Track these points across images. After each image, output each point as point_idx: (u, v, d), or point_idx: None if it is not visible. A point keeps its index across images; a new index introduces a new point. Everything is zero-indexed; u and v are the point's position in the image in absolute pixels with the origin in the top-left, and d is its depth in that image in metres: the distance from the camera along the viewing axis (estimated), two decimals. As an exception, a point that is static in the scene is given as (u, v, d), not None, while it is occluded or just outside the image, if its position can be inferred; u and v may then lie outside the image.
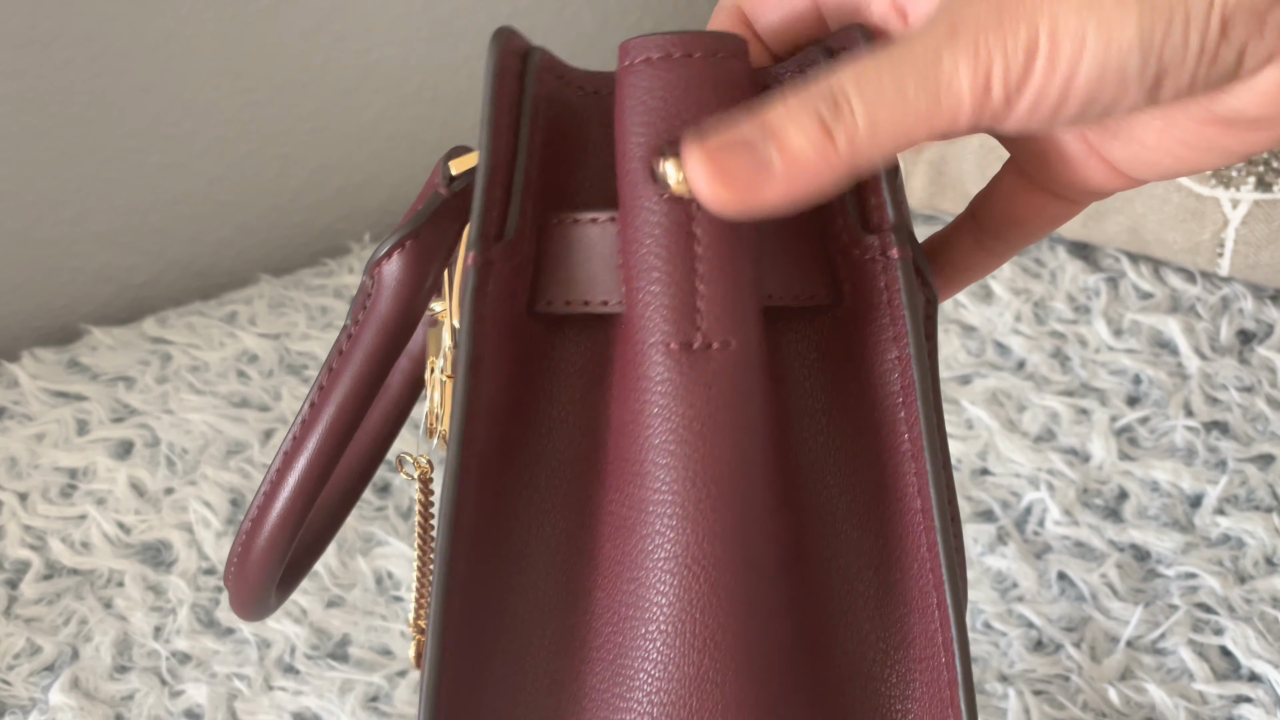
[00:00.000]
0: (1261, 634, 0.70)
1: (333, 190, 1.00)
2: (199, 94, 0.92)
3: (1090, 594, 0.72)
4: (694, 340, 0.41)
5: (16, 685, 0.70)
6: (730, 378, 0.42)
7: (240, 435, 0.82)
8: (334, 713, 0.68)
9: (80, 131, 0.90)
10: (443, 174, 0.47)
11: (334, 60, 0.96)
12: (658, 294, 0.42)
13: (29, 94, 0.88)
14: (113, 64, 0.89)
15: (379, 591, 0.74)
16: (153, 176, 0.93)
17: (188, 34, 0.91)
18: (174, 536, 0.77)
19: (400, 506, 0.78)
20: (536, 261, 0.44)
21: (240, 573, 0.52)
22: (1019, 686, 0.68)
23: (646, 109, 0.41)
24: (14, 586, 0.75)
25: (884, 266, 0.43)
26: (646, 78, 0.42)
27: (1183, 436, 0.81)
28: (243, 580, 0.53)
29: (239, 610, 0.54)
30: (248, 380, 0.86)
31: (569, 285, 0.43)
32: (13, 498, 0.79)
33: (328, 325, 0.89)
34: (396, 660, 0.71)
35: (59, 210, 0.91)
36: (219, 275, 0.98)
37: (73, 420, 0.83)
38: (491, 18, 0.99)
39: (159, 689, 0.69)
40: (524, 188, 0.44)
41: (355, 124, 0.98)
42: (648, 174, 0.41)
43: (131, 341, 0.89)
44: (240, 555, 0.52)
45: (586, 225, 0.44)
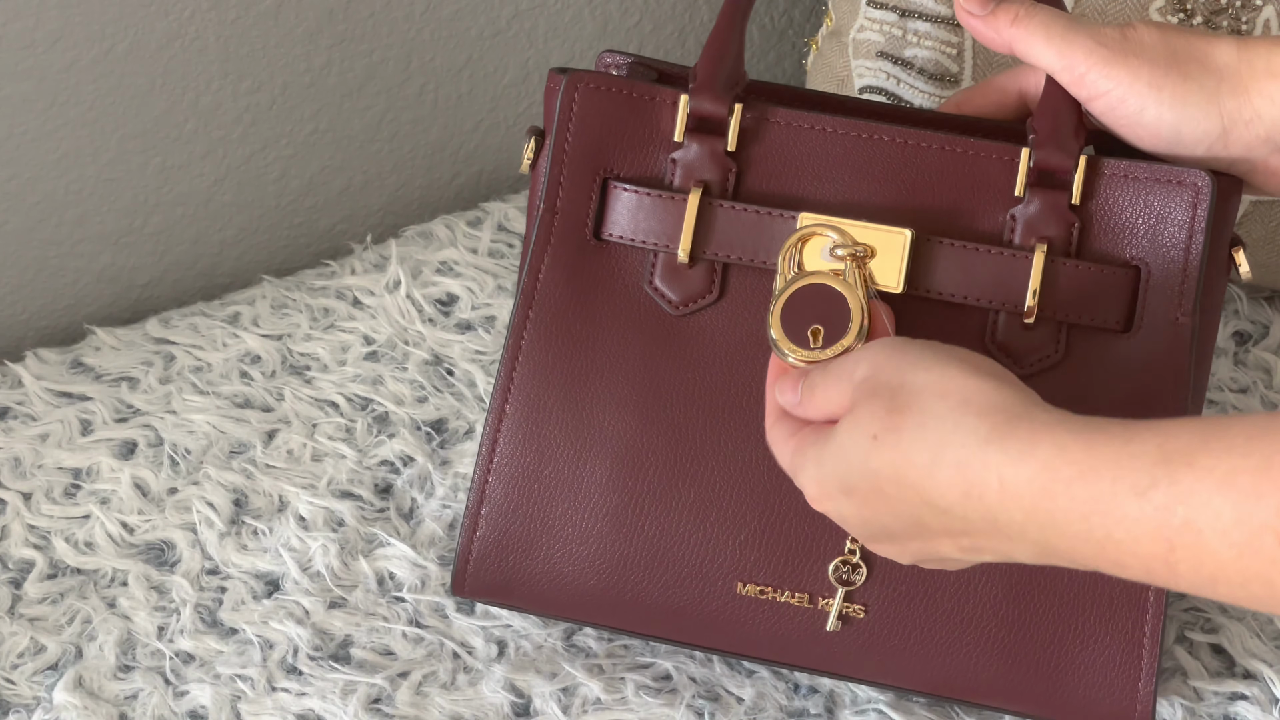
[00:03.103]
0: (1256, 633, 0.71)
1: (335, 192, 1.00)
2: (201, 96, 0.93)
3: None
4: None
5: (20, 684, 0.70)
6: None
7: (243, 435, 0.83)
8: (336, 714, 0.68)
9: (83, 133, 0.90)
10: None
11: (336, 62, 0.96)
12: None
13: (32, 96, 0.88)
14: (115, 66, 0.89)
15: (381, 593, 0.74)
16: (155, 178, 0.94)
17: (190, 36, 0.91)
18: (177, 536, 0.77)
19: (401, 508, 0.79)
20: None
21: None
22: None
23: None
24: (18, 586, 0.75)
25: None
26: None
27: (1179, 438, 0.81)
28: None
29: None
30: (250, 381, 0.86)
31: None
32: (16, 498, 0.79)
33: (330, 326, 0.90)
34: (399, 661, 0.71)
35: (62, 211, 0.92)
36: (221, 276, 0.98)
37: (76, 420, 0.84)
38: (493, 20, 1.00)
39: (163, 689, 0.70)
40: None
41: (358, 126, 0.99)
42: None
43: (134, 342, 0.89)
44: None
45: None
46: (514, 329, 0.67)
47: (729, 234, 0.66)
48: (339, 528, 0.77)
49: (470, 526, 0.68)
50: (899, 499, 0.54)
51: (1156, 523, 0.46)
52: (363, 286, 0.92)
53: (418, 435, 0.83)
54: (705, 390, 0.67)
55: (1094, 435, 0.49)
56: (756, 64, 1.10)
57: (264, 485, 0.79)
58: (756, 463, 0.66)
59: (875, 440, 0.53)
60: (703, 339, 0.67)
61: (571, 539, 0.67)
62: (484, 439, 0.68)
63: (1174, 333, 0.64)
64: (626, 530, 0.67)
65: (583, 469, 0.67)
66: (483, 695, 0.69)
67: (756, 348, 0.66)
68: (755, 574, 0.66)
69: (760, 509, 0.66)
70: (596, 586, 0.67)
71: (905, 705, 0.69)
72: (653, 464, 0.67)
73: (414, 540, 0.77)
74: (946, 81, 0.86)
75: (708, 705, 0.68)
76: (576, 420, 0.67)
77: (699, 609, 0.67)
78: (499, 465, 0.68)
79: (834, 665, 0.67)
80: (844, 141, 0.66)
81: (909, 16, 0.86)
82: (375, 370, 0.86)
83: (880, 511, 0.55)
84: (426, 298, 0.91)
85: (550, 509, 0.67)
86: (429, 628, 0.72)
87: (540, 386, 0.67)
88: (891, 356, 0.56)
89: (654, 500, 0.67)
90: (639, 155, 0.68)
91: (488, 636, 0.72)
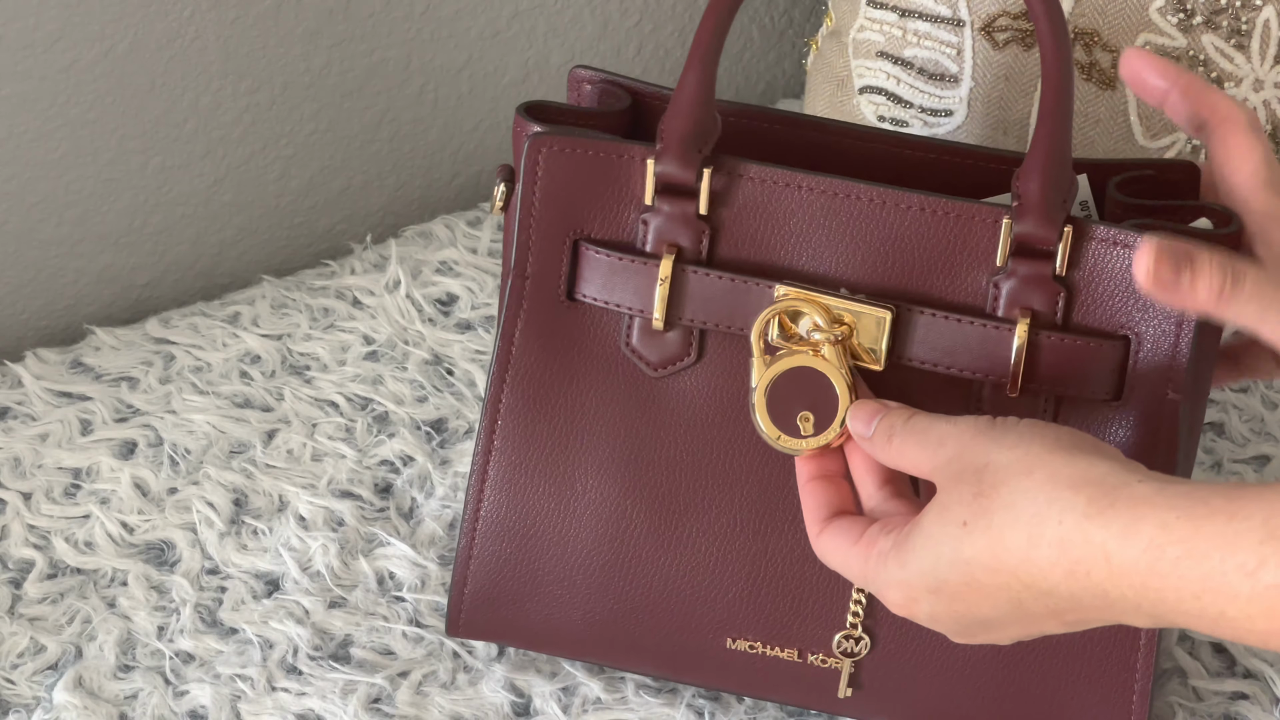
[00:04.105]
0: (1257, 634, 0.71)
1: (335, 192, 1.00)
2: (201, 96, 0.93)
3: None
4: None
5: (20, 684, 0.70)
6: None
7: (243, 435, 0.83)
8: (336, 714, 0.68)
9: (83, 133, 0.90)
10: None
11: (336, 62, 0.96)
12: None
13: (32, 96, 0.88)
14: (115, 66, 0.89)
15: (381, 592, 0.74)
16: (155, 178, 0.94)
17: (190, 36, 0.91)
18: (177, 536, 0.77)
19: (401, 507, 0.79)
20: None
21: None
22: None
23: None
24: (18, 586, 0.75)
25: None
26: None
27: (1180, 437, 0.81)
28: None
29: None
30: (250, 381, 0.86)
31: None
32: (16, 497, 0.79)
33: (330, 326, 0.90)
34: (399, 661, 0.71)
35: (62, 211, 0.92)
36: (221, 276, 0.98)
37: (76, 420, 0.84)
38: (492, 21, 1.00)
39: (163, 689, 0.70)
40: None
41: (357, 126, 0.99)
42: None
43: (134, 342, 0.89)
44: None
45: None
46: (491, 393, 0.67)
47: (704, 301, 0.64)
48: (339, 527, 0.77)
49: (460, 578, 0.68)
50: (996, 586, 0.52)
51: (1268, 603, 0.46)
52: (363, 286, 0.92)
53: (418, 435, 0.83)
54: (687, 453, 0.66)
55: (1196, 509, 0.48)
56: (756, 64, 1.10)
57: (264, 485, 0.79)
58: (741, 522, 0.66)
59: (965, 528, 0.52)
60: (683, 401, 0.66)
61: (561, 593, 0.67)
62: (469, 495, 0.67)
63: (1163, 408, 0.62)
64: (615, 588, 0.67)
65: (568, 529, 0.67)
66: (483, 695, 0.69)
67: (738, 409, 0.65)
68: (744, 631, 0.66)
69: (746, 570, 0.66)
70: (589, 634, 0.67)
71: (905, 705, 0.69)
72: (636, 526, 0.66)
73: (414, 540, 0.77)
74: (946, 81, 0.86)
75: (708, 705, 0.68)
76: (559, 483, 0.67)
77: (692, 658, 0.67)
78: (485, 524, 0.67)
79: (831, 708, 0.68)
80: (820, 200, 0.64)
81: (909, 16, 0.86)
82: (375, 370, 0.86)
83: (975, 604, 0.53)
84: (426, 297, 0.91)
85: (538, 565, 0.67)
86: (429, 627, 0.72)
87: (521, 450, 0.67)
88: (977, 436, 0.54)
89: (640, 561, 0.66)
90: (610, 215, 0.66)
91: (488, 636, 0.72)
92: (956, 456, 0.54)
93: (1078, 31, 0.84)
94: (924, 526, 0.54)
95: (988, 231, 0.63)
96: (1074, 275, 0.62)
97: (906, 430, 0.57)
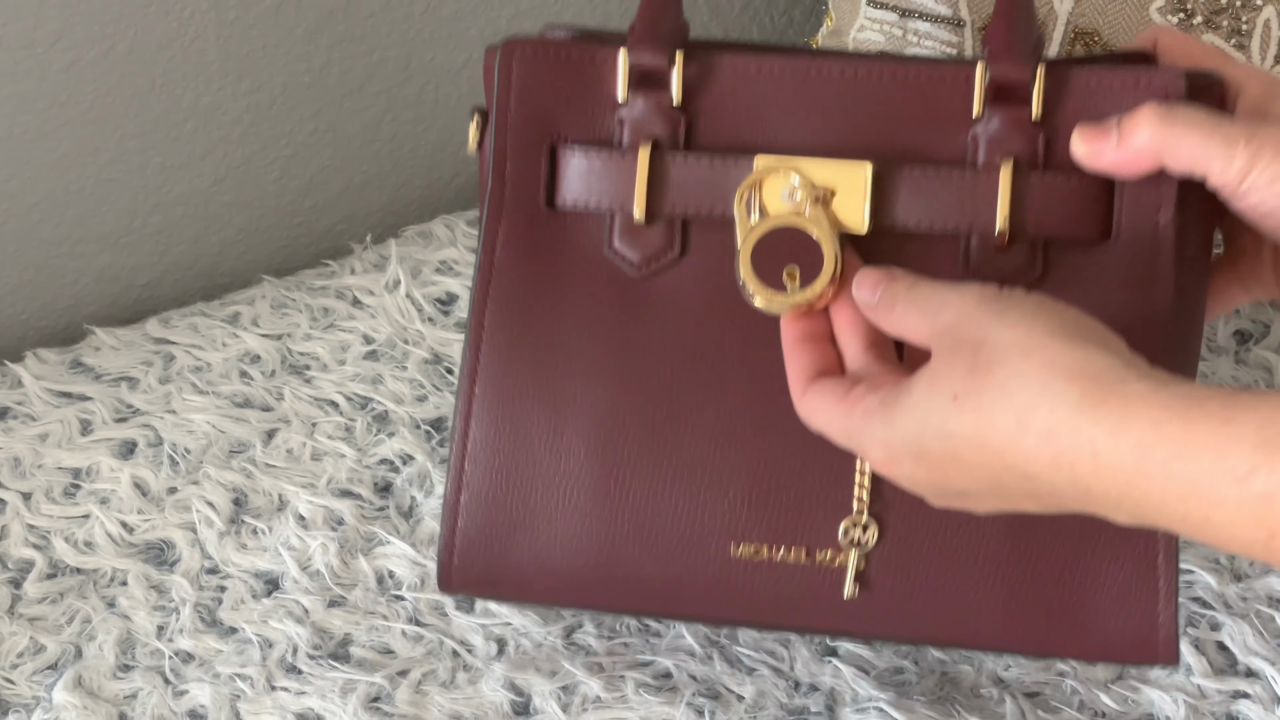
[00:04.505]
0: (1259, 632, 0.71)
1: (335, 192, 1.00)
2: (201, 96, 0.93)
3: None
4: None
5: (20, 684, 0.70)
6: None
7: (243, 435, 0.82)
8: (336, 713, 0.68)
9: (83, 133, 0.90)
10: None
11: (336, 62, 0.96)
12: None
13: (32, 96, 0.88)
14: (115, 66, 0.90)
15: (380, 591, 0.74)
16: (155, 178, 0.94)
17: (190, 36, 0.91)
18: (177, 536, 0.77)
19: (401, 506, 0.79)
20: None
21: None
22: (1014, 691, 0.68)
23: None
24: (18, 586, 0.75)
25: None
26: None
27: (1180, 436, 0.81)
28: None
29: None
30: (250, 380, 0.86)
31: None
32: (16, 497, 0.79)
33: (330, 326, 0.90)
34: (398, 660, 0.71)
35: (62, 211, 0.92)
36: (221, 276, 0.98)
37: (76, 420, 0.84)
38: (492, 21, 1.00)
39: (162, 688, 0.70)
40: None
41: (357, 126, 0.99)
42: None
43: (134, 342, 0.89)
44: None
45: None
46: (475, 309, 0.65)
47: (684, 187, 0.64)
48: (338, 526, 0.77)
49: (451, 518, 0.66)
50: (978, 464, 0.51)
51: (1256, 511, 0.45)
52: (362, 286, 0.92)
53: (417, 434, 0.82)
54: (677, 350, 0.64)
55: (1190, 411, 0.47)
56: (757, 64, 1.10)
57: (263, 484, 0.79)
58: (737, 419, 0.64)
59: (955, 401, 0.51)
60: (669, 298, 0.64)
61: (555, 519, 0.65)
62: (456, 426, 0.66)
63: (1156, 238, 0.61)
64: (611, 503, 0.65)
65: (560, 444, 0.65)
66: (482, 694, 0.69)
67: (725, 301, 0.63)
68: (748, 533, 0.64)
69: (746, 465, 0.64)
70: (586, 567, 0.66)
71: (906, 704, 0.68)
72: (631, 430, 0.64)
73: (413, 539, 0.76)
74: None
75: (708, 703, 0.68)
76: (549, 395, 0.65)
77: (695, 578, 0.65)
78: (474, 451, 0.65)
79: (840, 624, 0.66)
80: (792, 80, 0.64)
81: (909, 16, 0.86)
82: (375, 369, 0.86)
83: (955, 477, 0.53)
84: (426, 297, 0.91)
85: (531, 490, 0.65)
86: (428, 626, 0.72)
87: (508, 365, 0.65)
88: (979, 307, 0.53)
89: (635, 468, 0.64)
90: (585, 119, 0.65)
91: (487, 635, 0.72)
92: (955, 326, 0.53)
93: (1078, 31, 0.84)
94: (913, 392, 0.53)
95: (961, 88, 0.63)
96: (1053, 118, 0.62)
97: (909, 298, 0.56)
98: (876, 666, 0.70)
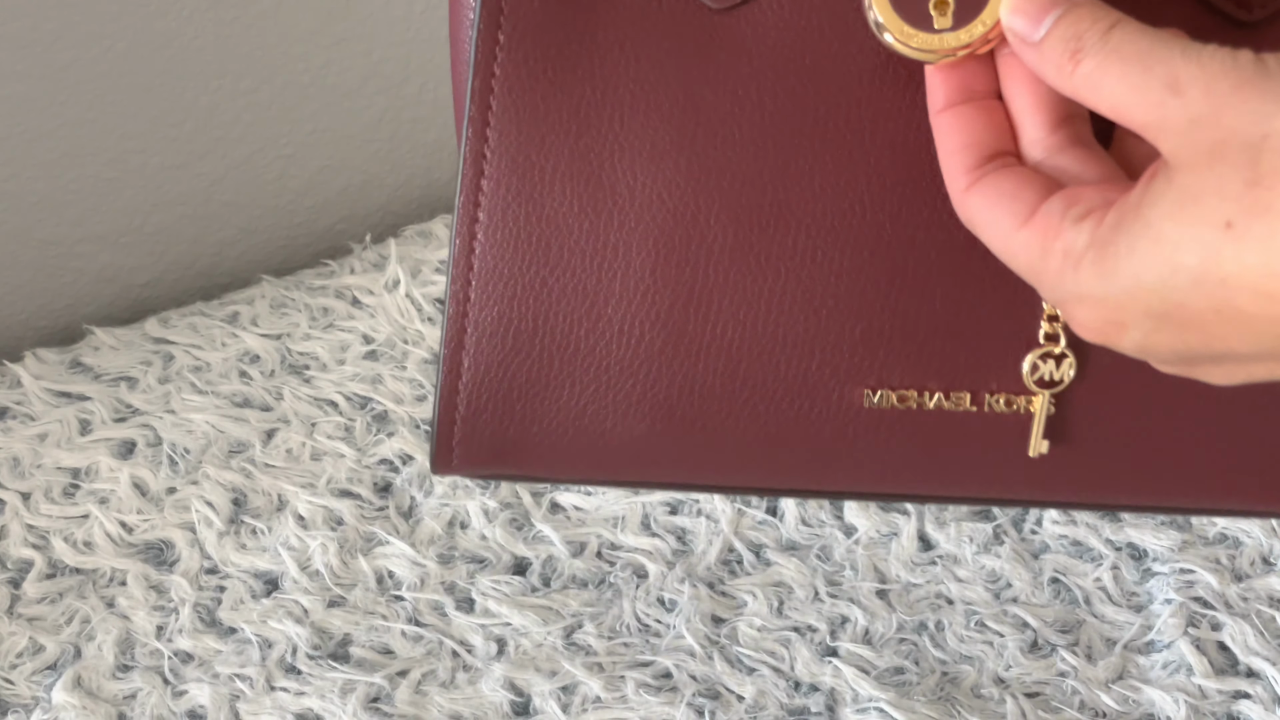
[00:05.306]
0: (1260, 631, 0.71)
1: (334, 191, 1.00)
2: (200, 95, 0.93)
3: (1084, 598, 0.73)
4: None
5: (19, 684, 0.70)
6: None
7: (242, 435, 0.82)
8: (335, 713, 0.68)
9: (82, 132, 0.90)
10: None
11: (335, 62, 0.96)
12: None
13: (30, 95, 0.88)
14: (114, 65, 0.89)
15: (380, 591, 0.74)
16: (154, 177, 0.94)
17: (189, 35, 0.91)
18: (176, 536, 0.77)
19: (401, 506, 0.79)
20: None
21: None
22: (1014, 690, 0.68)
23: None
24: (17, 586, 0.75)
25: None
26: None
27: (1181, 436, 0.81)
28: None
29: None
30: (249, 380, 0.86)
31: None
32: (15, 497, 0.79)
33: (329, 325, 0.90)
34: (398, 660, 0.71)
35: (61, 211, 0.92)
36: (220, 276, 0.98)
37: (75, 420, 0.84)
38: (492, 19, 1.00)
39: (161, 688, 0.70)
40: None
41: (357, 125, 0.99)
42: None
43: (133, 342, 0.89)
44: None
45: None
46: (479, 62, 0.45)
47: None
48: (338, 526, 0.77)
49: (452, 372, 0.47)
50: (1266, 316, 0.35)
51: None
52: (362, 286, 0.92)
53: (417, 434, 0.82)
54: (778, 114, 0.44)
55: None
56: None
57: (263, 484, 0.79)
58: (867, 213, 0.44)
59: (1230, 231, 0.34)
60: (765, 41, 0.44)
61: (607, 360, 0.46)
62: (456, 233, 0.46)
63: None
64: (687, 336, 0.46)
65: (610, 255, 0.46)
66: (482, 694, 0.69)
67: (848, 42, 0.44)
68: (889, 374, 0.45)
69: (884, 277, 0.45)
70: (650, 431, 0.47)
71: (907, 704, 0.68)
72: (713, 235, 0.45)
73: (413, 539, 0.76)
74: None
75: (708, 703, 0.68)
76: (592, 183, 0.45)
77: (807, 437, 0.47)
78: (483, 268, 0.46)
79: (1020, 490, 0.48)
80: None
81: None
82: (374, 369, 0.86)
83: (1223, 336, 0.36)
84: (426, 297, 0.91)
85: (569, 323, 0.46)
86: (428, 626, 0.72)
87: (530, 144, 0.45)
88: (1242, 87, 0.35)
89: (721, 289, 0.45)
90: None
91: (487, 635, 0.72)
92: (1208, 117, 0.35)
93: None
94: (1151, 221, 0.36)
95: None
96: None
97: (1107, 50, 0.37)
98: (877, 666, 0.70)
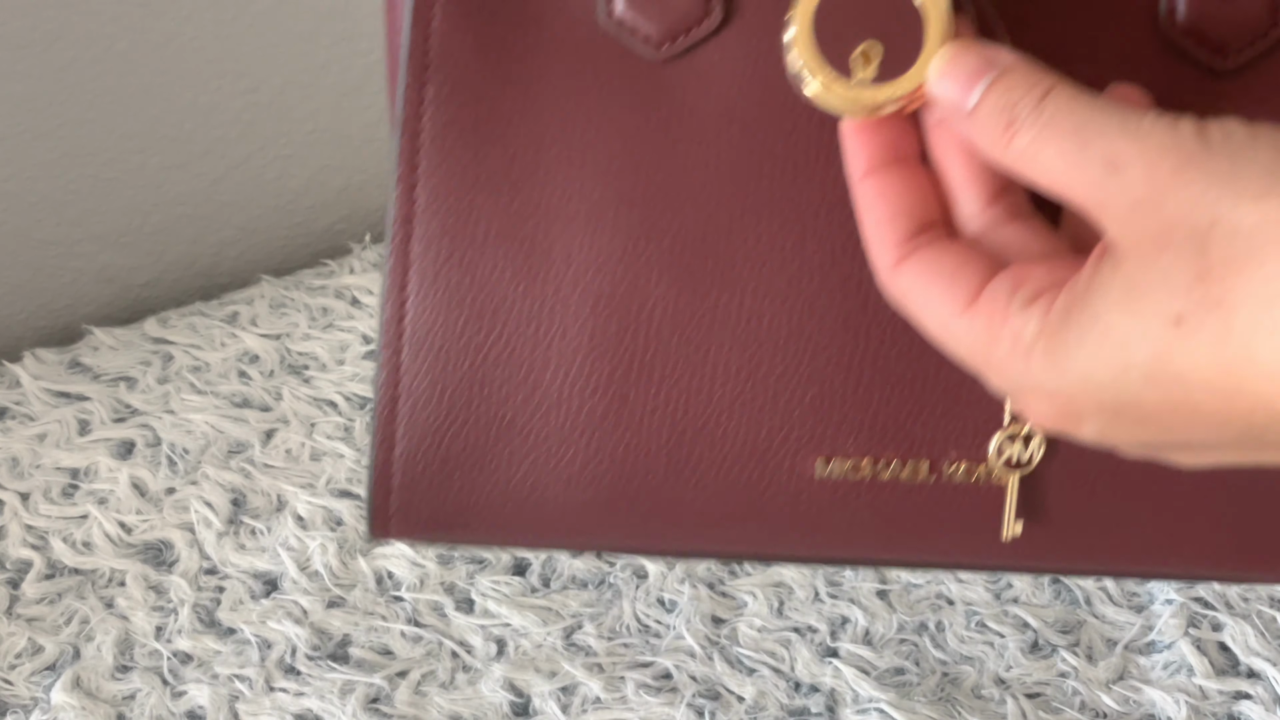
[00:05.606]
0: (1260, 632, 0.70)
1: (334, 191, 1.00)
2: (200, 95, 0.93)
3: (1085, 598, 0.72)
4: None
5: (18, 685, 0.70)
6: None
7: (241, 435, 0.82)
8: (335, 714, 0.68)
9: (81, 132, 0.90)
10: None
11: (335, 61, 0.96)
12: None
13: (30, 95, 0.88)
14: (114, 65, 0.89)
15: (379, 592, 0.74)
16: (154, 177, 0.94)
17: (189, 35, 0.91)
18: (175, 536, 0.77)
19: (401, 506, 0.79)
20: None
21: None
22: (1015, 691, 0.68)
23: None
24: (15, 586, 0.75)
25: None
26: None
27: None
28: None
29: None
30: (249, 380, 0.86)
31: None
32: (14, 497, 0.79)
33: (329, 325, 0.90)
34: (397, 661, 0.71)
35: (60, 211, 0.92)
36: (220, 276, 0.98)
37: (74, 420, 0.83)
38: (492, 19, 1.00)
39: (160, 689, 0.70)
40: None
41: (356, 125, 0.99)
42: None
43: (133, 342, 0.89)
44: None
45: None
46: (406, 118, 0.42)
47: None
48: (337, 527, 0.77)
49: (386, 441, 0.44)
50: (1226, 414, 0.33)
51: None
52: (361, 286, 0.92)
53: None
54: (723, 173, 0.42)
55: None
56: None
57: (262, 485, 0.79)
58: (821, 274, 0.42)
59: (1180, 328, 0.32)
60: (706, 90, 0.42)
61: (546, 426, 0.44)
62: (387, 297, 0.43)
63: None
64: (629, 402, 0.43)
65: (547, 320, 0.43)
66: (482, 694, 0.69)
67: (793, 97, 0.41)
68: (842, 442, 0.42)
69: (838, 341, 0.42)
70: (594, 500, 0.44)
71: (907, 704, 0.68)
72: (654, 299, 0.42)
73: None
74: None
75: (708, 704, 0.68)
76: (526, 246, 0.42)
77: (758, 508, 0.44)
78: (415, 335, 0.43)
79: (991, 558, 0.45)
80: None
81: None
82: (374, 369, 0.86)
83: (1181, 429, 0.34)
84: (426, 297, 0.91)
85: (506, 390, 0.44)
86: (428, 626, 0.72)
87: (462, 201, 0.42)
88: (1186, 167, 0.32)
89: (664, 355, 0.43)
90: None
91: (487, 635, 0.72)
92: (1150, 202, 0.32)
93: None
94: (1099, 314, 0.33)
95: None
96: None
97: (1041, 122, 0.34)
98: (877, 667, 0.70)
